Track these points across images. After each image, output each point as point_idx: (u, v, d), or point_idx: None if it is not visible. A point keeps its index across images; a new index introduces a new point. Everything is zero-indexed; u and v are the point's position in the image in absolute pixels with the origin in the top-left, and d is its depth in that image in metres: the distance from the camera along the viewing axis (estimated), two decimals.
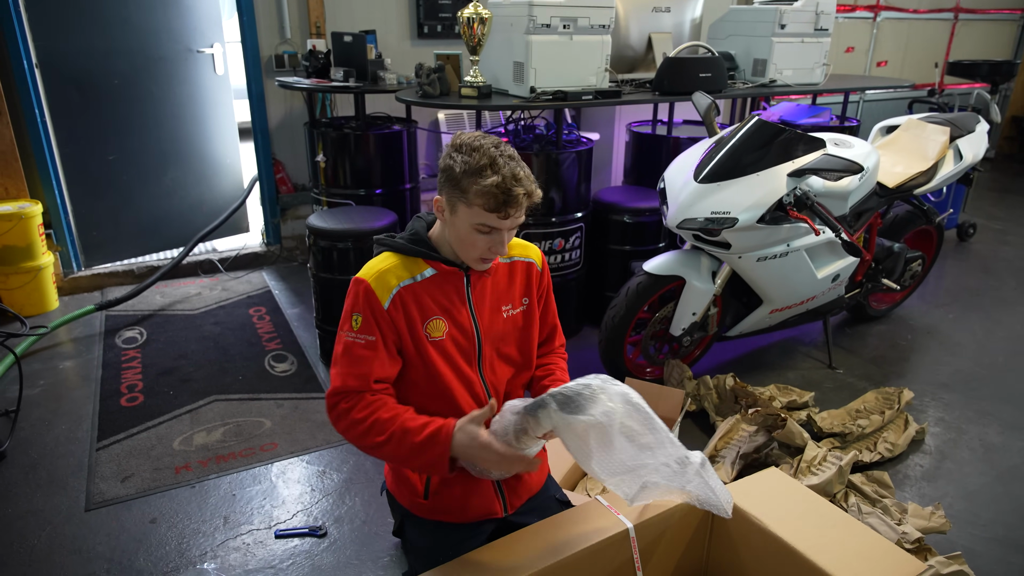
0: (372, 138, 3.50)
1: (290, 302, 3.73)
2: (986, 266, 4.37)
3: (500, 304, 1.60)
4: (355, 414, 1.42)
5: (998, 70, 4.95)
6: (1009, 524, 2.15)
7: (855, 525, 1.52)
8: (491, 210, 1.39)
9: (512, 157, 1.43)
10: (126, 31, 3.70)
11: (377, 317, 1.45)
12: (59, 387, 2.86)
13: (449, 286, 1.53)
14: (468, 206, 1.41)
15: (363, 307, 1.45)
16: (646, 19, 3.43)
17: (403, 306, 1.47)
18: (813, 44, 3.60)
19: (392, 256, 1.52)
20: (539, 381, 1.70)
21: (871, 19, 5.94)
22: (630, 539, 1.48)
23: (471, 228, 1.42)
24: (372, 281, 1.46)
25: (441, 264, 1.52)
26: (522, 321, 1.65)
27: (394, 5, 4.15)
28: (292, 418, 2.65)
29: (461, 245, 1.47)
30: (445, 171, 1.44)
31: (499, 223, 1.41)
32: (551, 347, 1.77)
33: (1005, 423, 2.69)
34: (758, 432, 2.36)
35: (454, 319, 1.53)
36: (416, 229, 1.56)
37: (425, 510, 1.64)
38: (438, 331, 1.52)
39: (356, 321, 1.46)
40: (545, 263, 1.69)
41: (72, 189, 3.73)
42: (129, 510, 2.16)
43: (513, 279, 1.62)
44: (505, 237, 1.46)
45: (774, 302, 2.75)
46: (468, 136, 1.45)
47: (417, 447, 1.37)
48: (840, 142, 2.83)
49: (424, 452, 1.38)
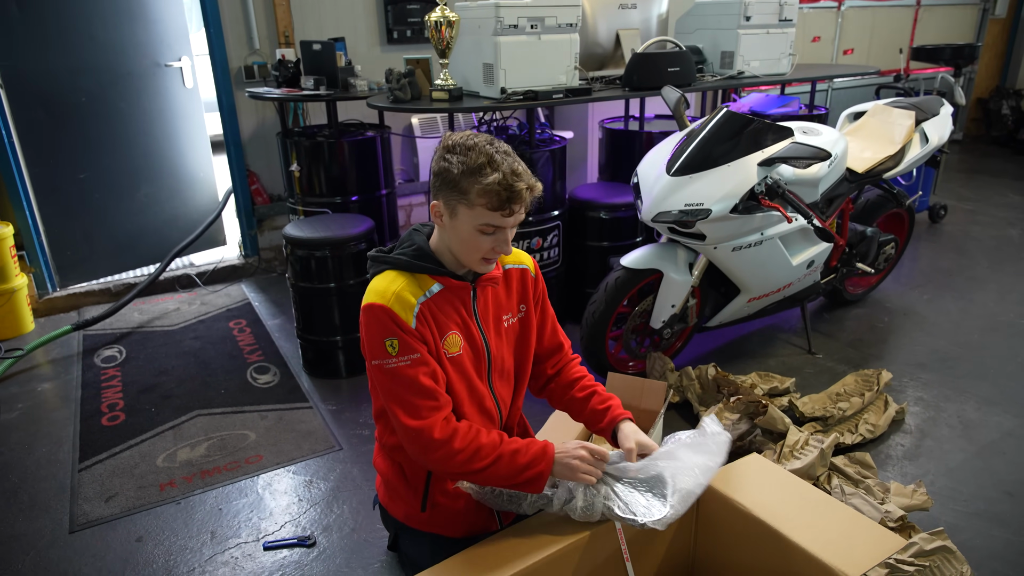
0: (346, 145, 3.49)
1: (270, 313, 3.71)
2: (958, 246, 4.44)
3: (501, 313, 1.59)
4: (455, 443, 1.41)
5: (960, 54, 5.04)
6: (990, 498, 2.19)
7: (837, 506, 1.54)
8: (495, 208, 1.36)
9: (508, 153, 1.41)
10: (92, 48, 3.66)
11: (410, 335, 1.41)
12: (38, 409, 2.82)
13: (457, 300, 1.50)
14: (470, 207, 1.37)
15: (393, 331, 1.40)
16: (613, 16, 3.46)
17: (426, 322, 1.44)
18: (778, 35, 3.65)
19: (398, 275, 1.47)
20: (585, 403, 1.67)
21: (836, 8, 6.02)
22: (617, 531, 1.49)
23: (474, 230, 1.40)
24: (391, 304, 1.41)
25: (449, 279, 1.48)
26: (519, 329, 1.63)
27: (362, 12, 4.15)
28: (277, 429, 2.64)
29: (464, 248, 1.44)
30: (440, 174, 1.40)
31: (503, 221, 1.39)
32: (563, 355, 1.74)
33: (982, 399, 2.74)
34: (741, 420, 2.39)
35: (468, 332, 1.51)
36: (417, 244, 1.50)
37: (422, 523, 1.63)
38: (455, 347, 1.49)
39: (393, 346, 1.40)
40: (538, 268, 1.67)
41: (43, 209, 3.68)
42: (114, 530, 2.13)
43: (510, 288, 1.61)
44: (509, 235, 1.43)
45: (751, 291, 2.78)
46: (459, 136, 1.42)
47: (522, 467, 1.43)
48: (808, 130, 2.86)
49: (528, 470, 1.44)
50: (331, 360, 3.01)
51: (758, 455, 1.75)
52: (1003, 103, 7.24)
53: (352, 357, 3.00)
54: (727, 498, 1.56)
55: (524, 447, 1.45)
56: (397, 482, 1.64)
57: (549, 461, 1.44)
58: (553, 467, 1.44)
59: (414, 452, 1.45)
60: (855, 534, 1.45)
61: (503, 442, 1.45)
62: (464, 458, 1.41)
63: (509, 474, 1.43)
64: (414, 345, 1.41)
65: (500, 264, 1.58)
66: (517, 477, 1.44)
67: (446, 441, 1.40)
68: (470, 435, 1.43)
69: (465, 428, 1.44)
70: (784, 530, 1.45)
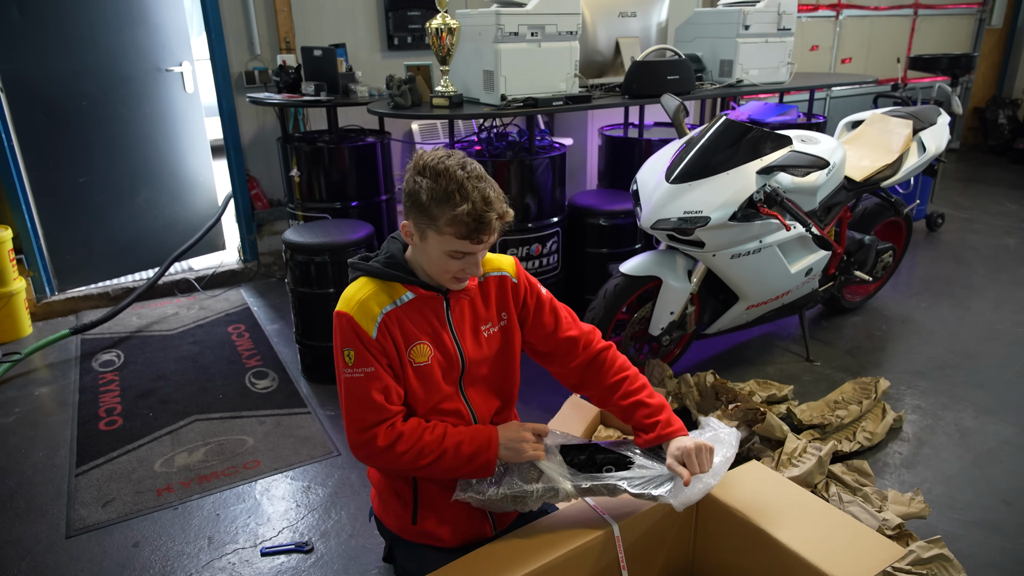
0: (346, 151, 3.50)
1: (269, 318, 3.71)
2: (955, 255, 4.46)
3: (479, 324, 1.56)
4: (399, 447, 1.43)
5: (958, 63, 5.07)
6: (987, 506, 2.19)
7: (837, 515, 1.54)
8: (463, 237, 1.34)
9: (480, 177, 1.38)
10: (93, 52, 3.67)
11: (369, 347, 1.42)
12: (35, 414, 2.82)
13: (429, 310, 1.49)
14: (439, 233, 1.36)
15: (352, 341, 1.42)
16: (613, 24, 3.47)
17: (389, 332, 1.44)
18: (777, 44, 3.67)
19: (369, 282, 1.48)
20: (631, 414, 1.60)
21: (834, 17, 6.05)
22: (615, 539, 1.49)
23: (443, 254, 1.39)
24: (354, 312, 1.42)
25: (419, 289, 1.48)
26: (500, 340, 1.60)
27: (363, 18, 4.16)
28: (275, 435, 2.63)
29: (433, 268, 1.44)
30: (410, 196, 1.39)
31: (472, 248, 1.37)
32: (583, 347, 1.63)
33: (979, 408, 2.74)
34: (739, 427, 2.39)
35: (439, 342, 1.50)
36: (391, 252, 1.50)
37: (414, 535, 1.62)
38: (422, 356, 1.48)
39: (349, 357, 1.43)
40: (521, 272, 1.62)
41: (43, 213, 3.68)
42: (111, 535, 2.13)
43: (488, 296, 1.58)
44: (479, 258, 1.42)
45: (750, 298, 2.79)
46: (430, 157, 1.38)
47: (468, 457, 1.46)
48: (807, 138, 2.88)
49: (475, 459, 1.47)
50: (330, 366, 2.96)
51: (757, 462, 1.76)
52: (999, 112, 7.28)
53: None
54: (726, 505, 1.56)
55: (468, 438, 1.47)
56: (388, 495, 1.64)
57: (495, 449, 1.48)
58: (499, 452, 1.49)
59: (361, 458, 1.48)
60: (855, 543, 1.45)
61: (446, 436, 1.46)
62: (409, 459, 1.43)
63: (456, 466, 1.47)
64: (369, 358, 1.42)
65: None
66: (465, 468, 1.47)
67: (390, 447, 1.42)
68: (414, 436, 1.44)
69: (410, 429, 1.45)
70: (783, 538, 1.46)
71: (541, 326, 1.64)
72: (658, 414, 1.58)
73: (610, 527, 1.48)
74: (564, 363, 1.66)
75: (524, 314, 1.63)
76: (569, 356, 1.65)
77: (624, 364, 1.66)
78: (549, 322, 1.64)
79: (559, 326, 1.65)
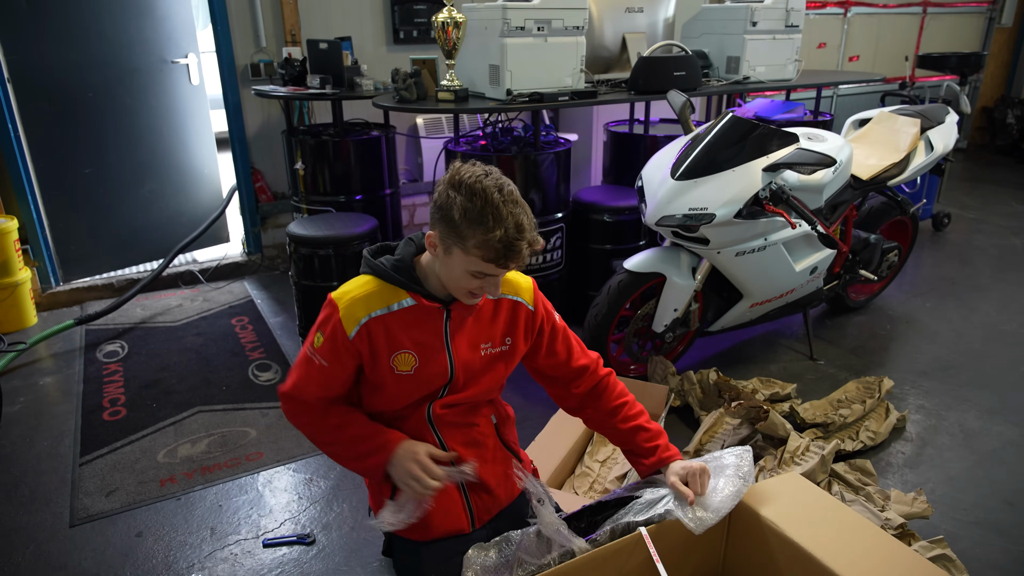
0: (350, 144, 3.50)
1: (272, 311, 3.72)
2: (961, 255, 4.44)
3: (479, 341, 1.53)
4: (303, 418, 1.50)
5: (966, 62, 5.03)
6: (989, 507, 2.19)
7: (874, 531, 1.48)
8: (489, 261, 1.32)
9: (516, 202, 1.34)
10: (99, 43, 3.67)
11: (338, 344, 1.43)
12: (40, 403, 2.83)
13: (427, 321, 1.47)
14: (465, 253, 1.32)
15: (328, 331, 1.43)
16: (620, 19, 3.46)
17: (369, 337, 1.43)
18: (785, 40, 3.65)
19: (372, 281, 1.46)
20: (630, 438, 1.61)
21: (842, 15, 6.02)
22: (644, 538, 1.45)
23: (465, 272, 1.36)
24: (342, 308, 1.42)
25: (422, 298, 1.45)
26: (492, 361, 1.56)
27: (369, 11, 4.16)
28: (277, 427, 2.64)
29: (451, 283, 1.41)
30: (442, 210, 1.34)
31: (496, 271, 1.35)
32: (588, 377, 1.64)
33: (983, 408, 2.73)
34: (742, 425, 2.39)
35: (428, 355, 1.47)
36: (403, 256, 1.48)
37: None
38: (406, 365, 1.46)
39: (318, 339, 1.45)
40: (539, 299, 1.58)
41: (48, 203, 3.70)
42: (114, 525, 2.14)
43: (497, 317, 1.54)
44: (499, 280, 1.40)
45: (754, 296, 2.78)
46: (467, 173, 1.34)
47: (361, 454, 1.50)
48: (813, 136, 2.87)
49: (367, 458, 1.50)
50: None
51: (795, 473, 1.70)
52: (1008, 112, 7.23)
53: None
54: (760, 516, 1.52)
55: (366, 436, 1.50)
56: (374, 486, 1.64)
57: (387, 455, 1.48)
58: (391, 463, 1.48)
59: (284, 413, 1.55)
60: (893, 563, 1.39)
61: (350, 425, 1.50)
62: (313, 430, 1.52)
63: (348, 457, 1.54)
64: (332, 355, 1.44)
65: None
66: (355, 463, 1.55)
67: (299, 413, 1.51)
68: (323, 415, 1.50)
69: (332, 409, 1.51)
70: (818, 554, 1.40)
71: (554, 354, 1.63)
72: (657, 439, 1.60)
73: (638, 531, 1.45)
74: (568, 388, 1.67)
75: (539, 342, 1.61)
76: (575, 383, 1.66)
77: (624, 390, 1.67)
78: (562, 350, 1.63)
79: (571, 355, 1.64)
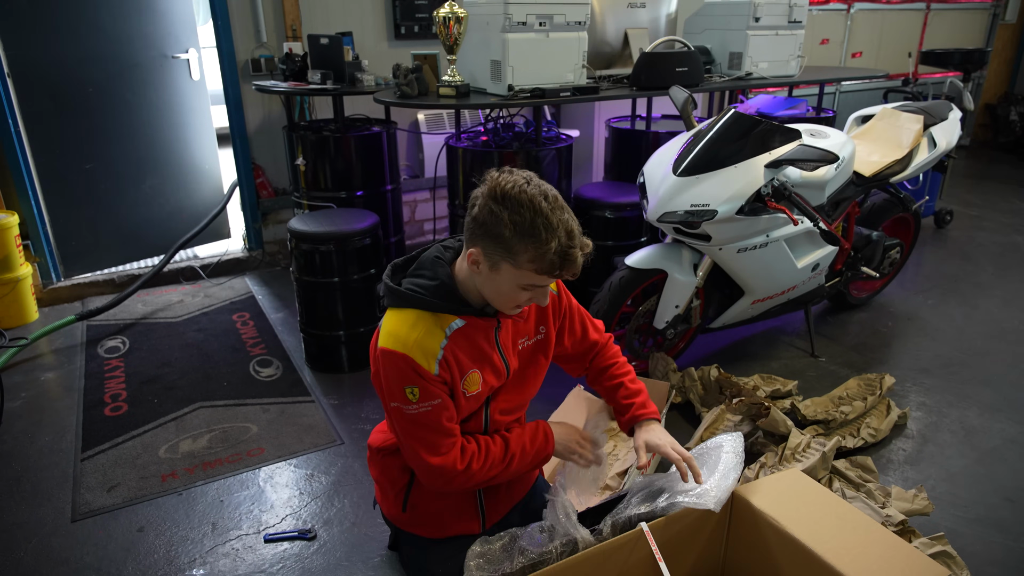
0: (351, 140, 3.49)
1: (274, 307, 3.72)
2: (963, 252, 4.43)
3: (517, 338, 1.55)
4: (473, 466, 1.46)
5: (970, 58, 5.01)
6: (990, 504, 2.19)
7: (876, 529, 1.48)
8: (544, 273, 1.28)
9: (563, 208, 1.30)
10: (99, 38, 3.66)
11: (432, 383, 1.38)
12: (41, 399, 2.83)
13: (479, 335, 1.45)
14: (516, 267, 1.28)
15: (414, 379, 1.36)
16: (622, 15, 3.45)
17: (448, 367, 1.40)
18: (787, 36, 3.64)
19: (419, 317, 1.39)
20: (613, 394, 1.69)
21: (845, 11, 6.00)
22: (645, 534, 1.46)
23: (516, 287, 1.32)
24: (413, 353, 1.35)
25: (475, 318, 1.42)
26: (531, 353, 1.58)
27: (370, 6, 4.14)
28: (278, 423, 2.64)
29: (498, 298, 1.37)
30: (485, 226, 1.28)
31: (548, 281, 1.32)
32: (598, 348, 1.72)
33: (984, 406, 2.73)
34: (743, 422, 2.39)
35: (489, 366, 1.48)
36: (442, 279, 1.40)
37: (404, 523, 1.64)
38: (474, 385, 1.46)
39: (413, 394, 1.37)
40: (559, 284, 1.59)
41: (49, 199, 3.69)
42: (116, 519, 2.14)
43: (529, 312, 1.56)
44: (548, 290, 1.38)
45: (756, 293, 2.78)
46: (508, 183, 1.28)
47: (533, 456, 1.55)
48: (816, 132, 2.86)
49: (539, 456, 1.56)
50: (334, 354, 3.02)
51: (796, 470, 1.71)
52: (1011, 109, 7.21)
53: (355, 352, 3.00)
54: (761, 512, 1.52)
55: (529, 440, 1.54)
56: (384, 482, 1.66)
57: (551, 444, 1.57)
58: (555, 447, 1.57)
59: (438, 485, 1.45)
60: (894, 560, 1.39)
61: (509, 443, 1.52)
62: (483, 473, 1.48)
63: (523, 466, 1.54)
64: (435, 391, 1.38)
65: None
66: (529, 466, 1.56)
67: (466, 468, 1.45)
68: (482, 453, 1.48)
69: (474, 448, 1.48)
70: (819, 550, 1.41)
71: (574, 333, 1.67)
72: (634, 397, 1.65)
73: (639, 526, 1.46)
74: (583, 361, 1.73)
75: (563, 325, 1.63)
76: (588, 355, 1.72)
77: (617, 352, 1.76)
78: (579, 328, 1.67)
79: (586, 331, 1.69)
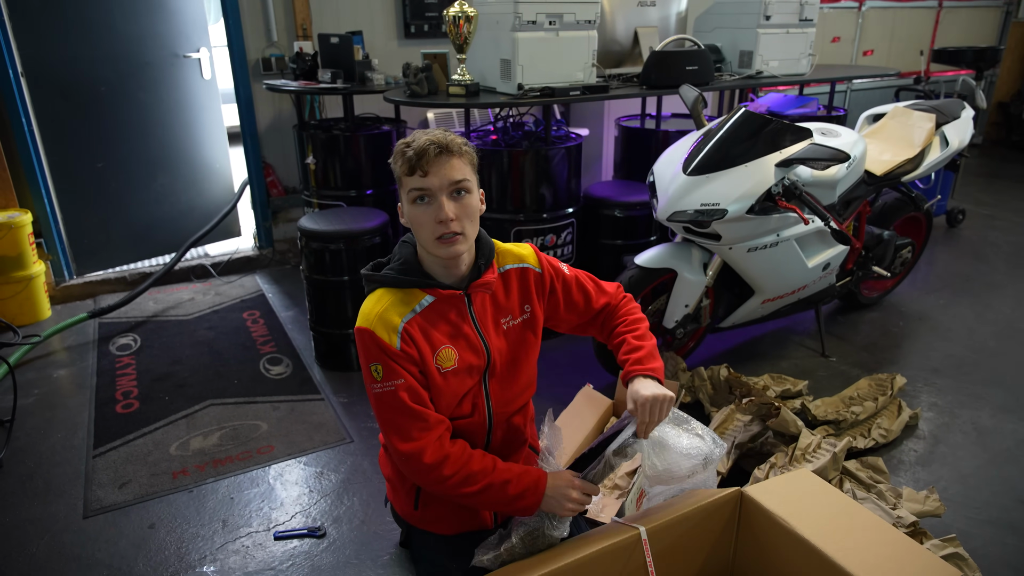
0: (361, 139, 3.50)
1: (284, 305, 3.73)
2: (975, 251, 4.40)
3: (499, 318, 1.56)
4: (445, 470, 1.41)
5: (983, 56, 4.97)
6: (1003, 506, 2.17)
7: (889, 531, 1.46)
8: (410, 173, 1.38)
9: (442, 131, 1.43)
10: (111, 38, 3.68)
11: (395, 359, 1.40)
12: (54, 396, 2.86)
13: (451, 310, 1.48)
14: (400, 186, 1.42)
15: (377, 355, 1.40)
16: (632, 13, 3.44)
17: (413, 342, 1.42)
18: (798, 34, 3.62)
19: (386, 293, 1.46)
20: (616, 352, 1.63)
21: (856, 8, 5.96)
22: (642, 542, 1.45)
23: (410, 205, 1.41)
24: (375, 327, 1.40)
25: (439, 290, 1.46)
26: (519, 332, 1.59)
27: (380, 5, 4.15)
28: (288, 420, 2.65)
29: (416, 232, 1.44)
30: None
31: (423, 183, 1.38)
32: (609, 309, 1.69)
33: (997, 406, 2.71)
34: (753, 422, 2.38)
35: (463, 343, 1.49)
36: (404, 256, 1.50)
37: (416, 520, 1.65)
38: (449, 360, 1.47)
39: (377, 371, 1.41)
40: (542, 257, 1.62)
41: (61, 197, 3.72)
42: (127, 516, 2.16)
43: (509, 290, 1.57)
44: (443, 202, 1.38)
45: (766, 292, 2.77)
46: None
47: (512, 498, 1.43)
48: (827, 131, 2.84)
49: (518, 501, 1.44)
50: (343, 353, 3.03)
51: (807, 471, 1.69)
52: None
53: None
54: (771, 513, 1.50)
55: (516, 478, 1.44)
56: (396, 480, 1.66)
57: (539, 495, 1.44)
58: (543, 501, 1.44)
59: (408, 473, 1.47)
60: (905, 562, 1.37)
61: (495, 470, 1.44)
62: (455, 483, 1.41)
63: (498, 502, 1.44)
64: (398, 370, 1.40)
65: (496, 267, 1.55)
66: (506, 507, 1.45)
67: (436, 466, 1.40)
68: (462, 460, 1.42)
69: (458, 452, 1.43)
70: (830, 551, 1.39)
71: (574, 304, 1.66)
72: (632, 353, 1.57)
73: (637, 531, 1.45)
74: (596, 325, 1.71)
75: (554, 300, 1.64)
76: (600, 318, 1.70)
77: (632, 309, 1.69)
78: (579, 299, 1.66)
79: (589, 299, 1.67)
